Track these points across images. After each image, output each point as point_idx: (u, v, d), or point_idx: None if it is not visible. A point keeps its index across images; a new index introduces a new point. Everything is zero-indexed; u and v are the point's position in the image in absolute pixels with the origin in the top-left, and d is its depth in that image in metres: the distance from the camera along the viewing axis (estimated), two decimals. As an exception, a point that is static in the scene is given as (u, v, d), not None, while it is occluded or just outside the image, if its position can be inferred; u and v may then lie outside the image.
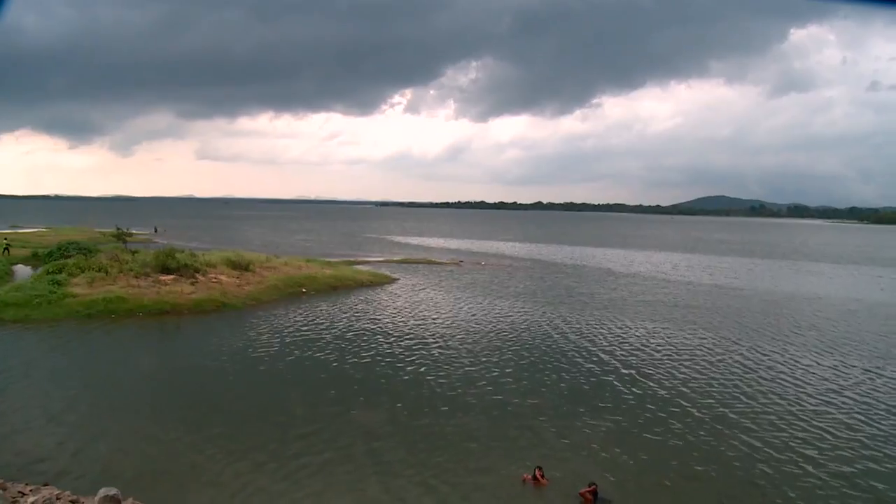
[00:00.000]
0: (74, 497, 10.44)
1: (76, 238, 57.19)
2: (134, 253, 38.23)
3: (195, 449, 14.70)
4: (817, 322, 33.21)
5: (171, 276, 33.68)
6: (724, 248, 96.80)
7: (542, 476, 13.50)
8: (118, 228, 57.77)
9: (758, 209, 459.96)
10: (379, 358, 23.44)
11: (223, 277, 35.70)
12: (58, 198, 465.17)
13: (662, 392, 20.02)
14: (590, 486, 12.81)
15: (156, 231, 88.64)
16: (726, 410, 18.40)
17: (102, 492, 9.04)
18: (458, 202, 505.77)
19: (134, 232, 63.05)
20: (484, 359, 23.68)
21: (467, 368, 22.33)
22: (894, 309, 38.85)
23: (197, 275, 34.73)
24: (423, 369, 22.11)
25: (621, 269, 61.01)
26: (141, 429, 15.93)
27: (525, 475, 13.69)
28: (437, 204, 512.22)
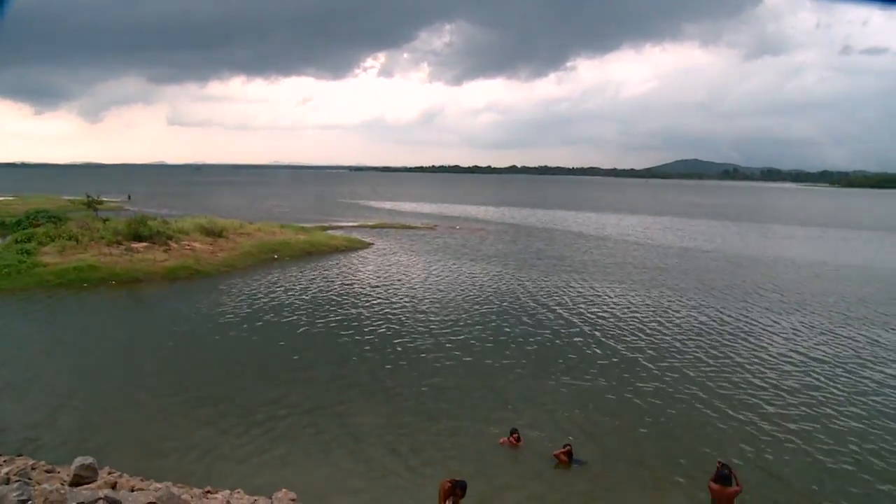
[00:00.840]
0: (49, 467, 10.35)
1: (45, 206, 56.54)
2: (105, 221, 37.93)
3: (169, 415, 14.81)
4: (782, 284, 34.01)
5: (144, 244, 33.63)
6: (695, 211, 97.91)
7: (518, 439, 13.73)
8: (88, 196, 57.00)
9: (731, 173, 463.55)
10: (352, 322, 23.75)
11: (196, 244, 35.72)
12: (24, 165, 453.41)
13: (632, 353, 20.54)
14: (564, 447, 13.07)
15: (129, 198, 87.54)
16: (693, 371, 18.91)
17: (78, 461, 8.97)
18: (433, 166, 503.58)
19: (104, 199, 62.26)
20: (456, 322, 24.10)
21: (440, 332, 22.73)
22: (857, 271, 39.69)
23: (170, 242, 34.71)
24: (395, 333, 22.45)
25: (592, 232, 61.82)
26: (115, 397, 15.97)
27: (502, 438, 13.91)
28: (411, 168, 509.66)
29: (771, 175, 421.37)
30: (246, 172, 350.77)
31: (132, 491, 8.41)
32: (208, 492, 10.19)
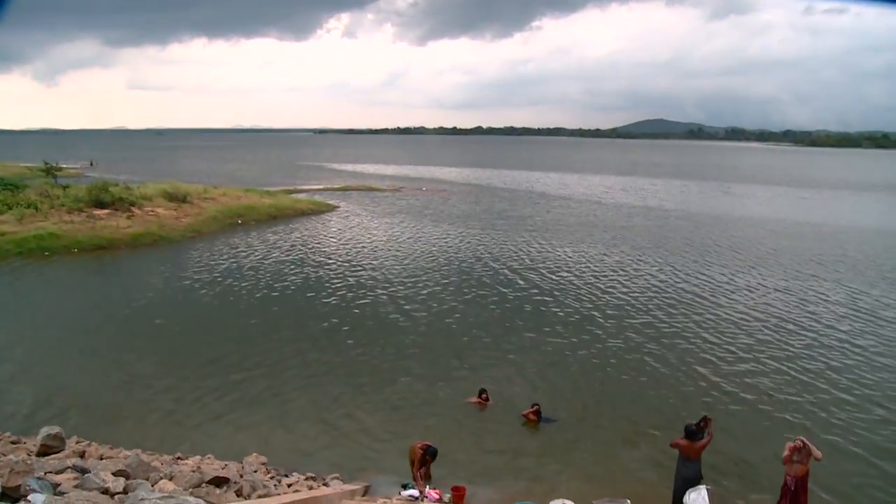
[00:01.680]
0: (15, 438, 10.23)
1: (0, 174, 55.27)
2: (65, 188, 37.36)
3: (137, 384, 14.82)
4: (740, 242, 34.84)
5: (106, 211, 33.35)
6: (659, 170, 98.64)
7: (486, 399, 14.03)
8: (46, 163, 55.82)
9: (696, 132, 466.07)
10: (317, 285, 24.08)
11: (160, 210, 35.55)
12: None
13: (595, 311, 21.08)
14: (532, 407, 13.33)
15: (91, 164, 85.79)
16: (654, 328, 19.49)
17: (45, 431, 8.86)
18: (398, 128, 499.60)
19: (63, 166, 60.99)
20: (421, 283, 24.54)
21: (405, 293, 23.13)
22: (813, 228, 40.59)
23: (133, 208, 34.48)
24: (361, 295, 22.78)
25: (555, 192, 62.47)
26: (81, 366, 15.75)
27: (470, 398, 14.10)
28: (376, 130, 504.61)
29: (735, 134, 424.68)
30: (209, 136, 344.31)
31: (101, 459, 8.45)
32: (178, 458, 10.30)
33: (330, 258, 28.66)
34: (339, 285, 24.08)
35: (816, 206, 53.59)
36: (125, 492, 5.76)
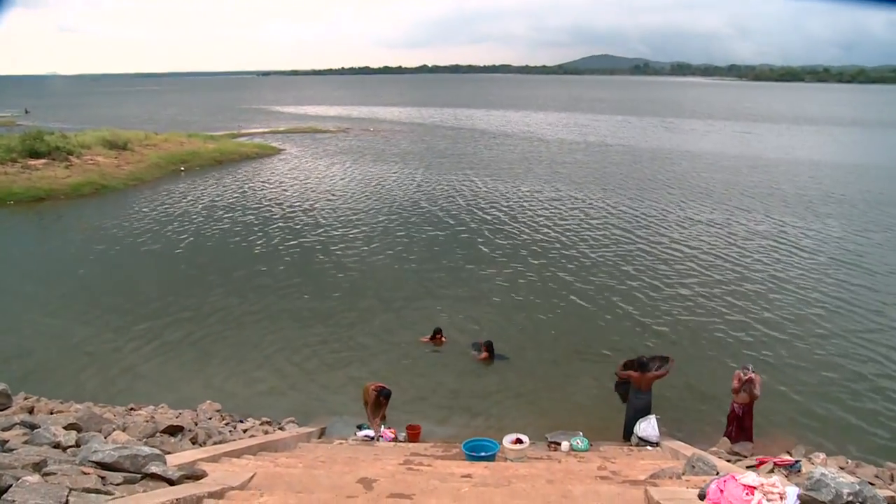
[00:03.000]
0: None
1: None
2: (-4, 137, 36.17)
3: (84, 337, 14.55)
4: (676, 177, 35.56)
5: (42, 161, 32.33)
6: (602, 106, 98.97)
7: (442, 337, 14.21)
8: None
9: (642, 68, 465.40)
10: (265, 229, 24.03)
11: (100, 158, 34.83)
12: None
13: (538, 247, 21.59)
14: (484, 347, 13.52)
15: (27, 112, 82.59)
16: (593, 261, 20.13)
17: None
18: (342, 68, 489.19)
19: (-7, 114, 58.74)
20: (368, 225, 24.75)
21: (352, 235, 23.34)
22: (747, 162, 41.45)
23: (71, 157, 33.51)
24: (309, 238, 22.91)
25: (497, 129, 62.78)
26: (24, 322, 15.33)
27: (423, 337, 14.26)
28: (320, 71, 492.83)
29: (681, 69, 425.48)
30: (147, 81, 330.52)
31: (51, 414, 8.16)
32: (132, 409, 10.26)
33: (278, 202, 28.52)
34: (286, 229, 24.06)
35: (753, 140, 54.33)
36: (77, 445, 5.58)
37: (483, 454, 8.56)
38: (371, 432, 10.44)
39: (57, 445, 5.49)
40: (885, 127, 66.53)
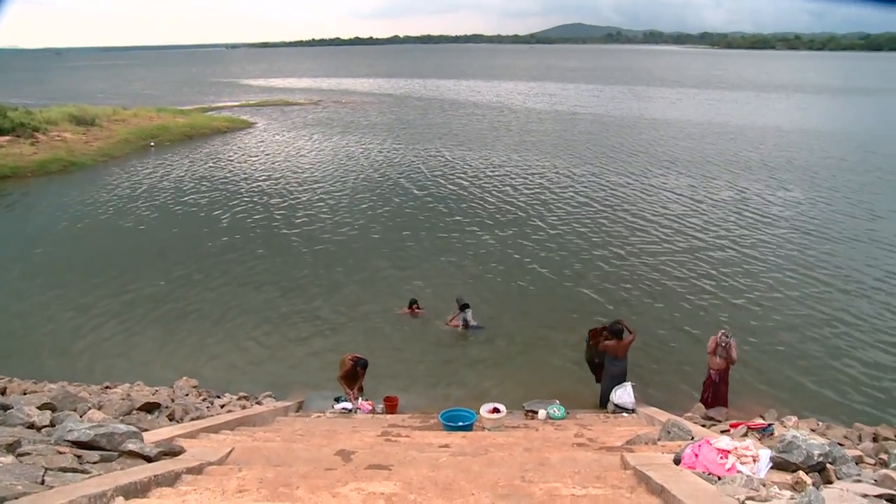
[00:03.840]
0: None
1: None
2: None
3: (59, 317, 14.36)
4: (643, 145, 35.71)
5: (7, 138, 31.48)
6: (573, 75, 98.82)
7: (418, 308, 14.21)
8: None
9: (614, 36, 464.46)
10: (237, 203, 23.82)
11: (67, 135, 34.14)
12: None
13: (501, 218, 21.64)
14: (459, 308, 13.54)
15: None
16: (559, 231, 20.21)
17: None
18: (312, 40, 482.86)
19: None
20: (342, 196, 24.67)
21: (326, 207, 23.22)
22: (714, 129, 41.55)
23: (37, 134, 32.82)
24: (282, 211, 22.76)
25: (468, 99, 62.91)
26: None
27: (400, 309, 14.26)
28: (290, 43, 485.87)
29: (653, 37, 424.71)
30: (113, 55, 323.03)
31: (24, 394, 8.14)
32: (107, 387, 10.22)
33: (250, 176, 28.26)
34: (257, 203, 23.88)
35: (721, 108, 54.44)
36: (52, 425, 5.61)
37: (460, 424, 8.63)
38: (349, 405, 10.45)
39: (31, 426, 5.49)
40: (850, 94, 67.03)
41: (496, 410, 9.43)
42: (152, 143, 36.65)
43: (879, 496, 3.83)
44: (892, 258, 17.41)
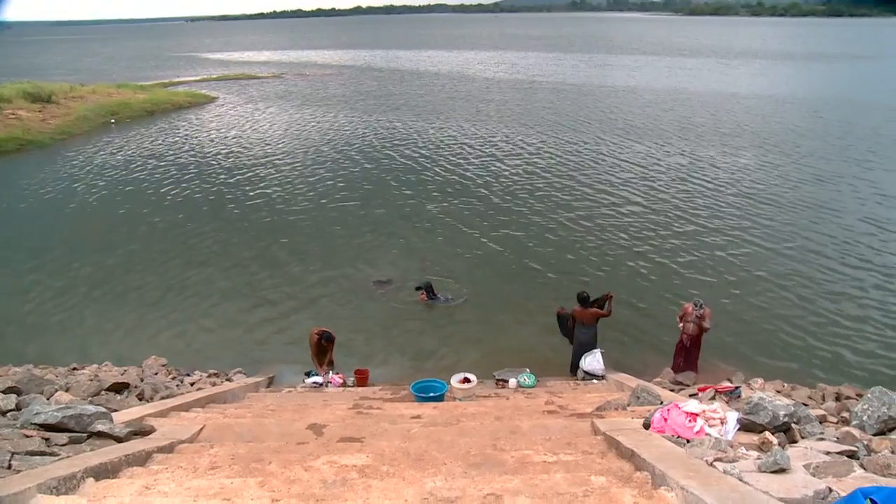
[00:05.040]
0: None
1: None
2: None
3: (23, 298, 14.17)
4: (597, 112, 35.85)
5: None
6: (535, 44, 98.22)
7: (387, 282, 14.31)
8: None
9: (578, 4, 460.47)
10: (202, 180, 23.49)
11: (22, 112, 33.20)
12: None
13: (474, 186, 21.72)
14: (424, 287, 13.55)
15: None
16: (512, 201, 20.27)
17: None
18: (274, 12, 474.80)
19: None
20: (307, 169, 24.50)
21: (291, 180, 23.07)
22: (668, 96, 41.68)
23: None
24: (248, 186, 22.54)
25: (429, 69, 62.89)
26: None
27: (368, 283, 14.40)
28: (251, 15, 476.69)
29: (618, 5, 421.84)
30: (67, 29, 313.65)
31: None
32: (74, 368, 10.10)
33: (214, 151, 27.84)
34: (221, 178, 23.63)
35: (679, 75, 54.58)
36: (18, 408, 5.58)
37: (432, 395, 8.73)
38: (320, 379, 10.46)
39: (-4, 410, 5.38)
40: (806, 60, 67.50)
41: (467, 380, 9.54)
42: (113, 120, 35.87)
43: (841, 453, 3.97)
44: (840, 222, 17.78)
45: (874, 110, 35.09)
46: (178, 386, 9.41)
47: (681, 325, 10.39)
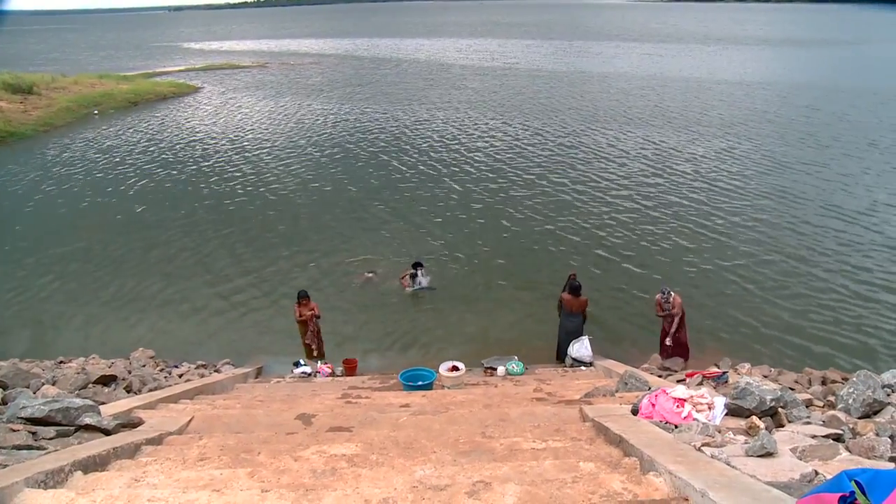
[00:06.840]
0: None
1: None
2: None
3: (4, 292, 14.09)
4: (570, 99, 35.75)
5: None
6: (516, 31, 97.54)
7: (372, 273, 14.26)
8: None
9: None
10: (188, 170, 23.37)
11: (3, 103, 32.78)
12: None
13: (460, 175, 21.58)
14: (410, 273, 13.56)
15: None
16: (508, 183, 20.28)
17: None
18: (257, 1, 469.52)
19: None
20: (293, 158, 24.36)
21: (277, 170, 22.92)
22: (640, 83, 41.49)
23: None
24: (233, 176, 22.42)
25: (409, 56, 63.03)
26: None
27: (354, 276, 14.36)
28: (235, 4, 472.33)
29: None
30: (46, 19, 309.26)
31: None
32: (61, 361, 10.08)
33: (199, 142, 27.61)
34: (207, 168, 23.47)
35: (657, 62, 54.28)
36: (4, 402, 5.55)
37: (420, 383, 8.73)
38: (308, 369, 10.49)
39: (-19, 405, 5.33)
40: (782, 45, 67.42)
41: (455, 368, 9.54)
42: (96, 111, 35.50)
43: (827, 436, 4.02)
44: (826, 203, 17.89)
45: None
46: (166, 378, 9.40)
47: (662, 314, 10.44)
